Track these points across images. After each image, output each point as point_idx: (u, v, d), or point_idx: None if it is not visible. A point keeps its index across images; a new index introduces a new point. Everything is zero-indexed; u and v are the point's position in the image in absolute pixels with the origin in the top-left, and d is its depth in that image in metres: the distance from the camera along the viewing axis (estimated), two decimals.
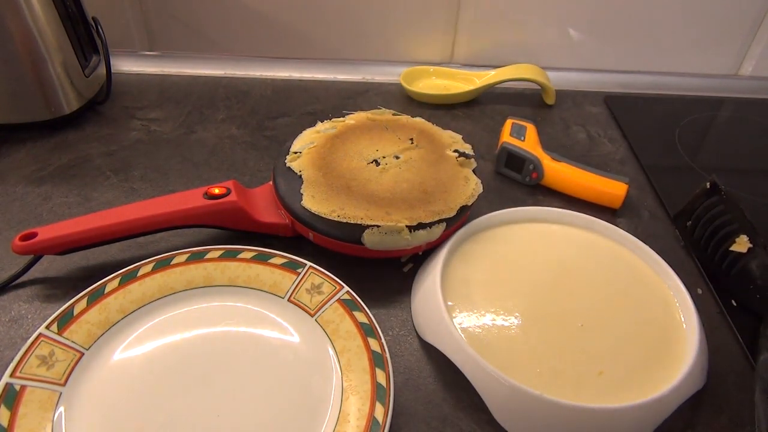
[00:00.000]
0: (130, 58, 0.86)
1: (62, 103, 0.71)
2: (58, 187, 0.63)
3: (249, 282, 0.50)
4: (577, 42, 0.86)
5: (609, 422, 0.41)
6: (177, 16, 0.84)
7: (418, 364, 0.47)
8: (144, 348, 0.46)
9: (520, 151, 0.66)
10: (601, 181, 0.63)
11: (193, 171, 0.66)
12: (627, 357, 0.45)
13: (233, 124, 0.75)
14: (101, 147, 0.70)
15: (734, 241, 0.53)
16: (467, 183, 0.56)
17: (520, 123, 0.69)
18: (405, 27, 0.85)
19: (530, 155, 0.65)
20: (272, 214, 0.56)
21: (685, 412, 0.43)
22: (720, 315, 0.52)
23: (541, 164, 0.64)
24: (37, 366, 0.42)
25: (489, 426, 0.43)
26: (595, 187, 0.63)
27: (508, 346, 0.46)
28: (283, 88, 0.84)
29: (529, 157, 0.65)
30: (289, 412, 0.42)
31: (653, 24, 0.85)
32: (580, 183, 0.64)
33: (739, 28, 0.85)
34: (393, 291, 0.53)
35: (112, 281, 0.48)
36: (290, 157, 0.58)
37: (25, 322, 0.49)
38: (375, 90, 0.84)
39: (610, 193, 0.62)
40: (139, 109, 0.77)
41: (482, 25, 0.85)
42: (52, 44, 0.67)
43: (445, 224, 0.52)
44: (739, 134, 0.80)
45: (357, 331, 0.45)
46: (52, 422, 0.40)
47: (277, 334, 0.47)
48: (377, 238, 0.51)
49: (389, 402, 0.40)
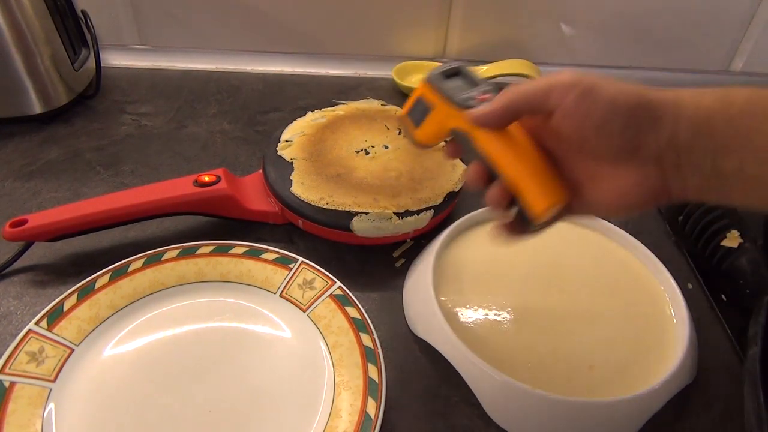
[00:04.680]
0: (120, 52, 0.86)
1: (51, 97, 0.70)
2: (47, 182, 0.62)
3: (241, 277, 0.50)
4: (569, 37, 0.86)
5: (600, 416, 0.41)
6: (167, 9, 0.83)
7: (410, 360, 0.47)
8: (135, 344, 0.45)
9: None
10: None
11: (184, 165, 0.66)
12: (617, 351, 0.45)
13: (225, 119, 0.74)
14: (91, 141, 0.69)
15: (725, 237, 0.54)
16: (455, 170, 0.57)
17: (426, 100, 0.41)
18: (397, 22, 0.85)
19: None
20: (262, 202, 0.57)
21: (675, 405, 0.43)
22: (710, 310, 0.52)
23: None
24: (26, 362, 0.42)
25: (481, 420, 0.43)
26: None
27: (499, 340, 0.46)
28: (274, 82, 0.83)
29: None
30: (281, 408, 0.42)
31: (645, 19, 0.85)
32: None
33: (730, 24, 0.85)
34: (385, 286, 0.53)
35: (102, 277, 0.47)
36: (281, 146, 0.59)
37: (14, 318, 0.48)
38: (367, 85, 0.84)
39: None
40: (130, 103, 0.77)
41: (474, 21, 0.85)
42: (41, 37, 0.67)
43: (432, 211, 0.53)
44: None
45: (349, 326, 0.45)
46: (42, 419, 0.40)
47: (269, 330, 0.47)
48: (366, 225, 0.51)
49: (381, 397, 0.40)
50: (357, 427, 0.39)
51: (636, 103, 0.32)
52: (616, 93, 0.32)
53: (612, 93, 0.32)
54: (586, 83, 0.33)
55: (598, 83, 0.33)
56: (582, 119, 0.33)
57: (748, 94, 0.31)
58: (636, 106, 0.32)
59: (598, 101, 0.32)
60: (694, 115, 0.31)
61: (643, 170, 0.33)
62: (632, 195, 0.34)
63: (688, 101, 0.32)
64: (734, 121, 0.31)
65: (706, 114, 0.31)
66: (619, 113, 0.32)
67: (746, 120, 0.30)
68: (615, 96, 0.32)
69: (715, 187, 0.32)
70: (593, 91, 0.32)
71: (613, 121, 0.32)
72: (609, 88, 0.32)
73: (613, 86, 0.33)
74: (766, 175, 0.30)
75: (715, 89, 0.32)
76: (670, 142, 0.32)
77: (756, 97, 0.31)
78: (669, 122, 0.32)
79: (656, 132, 0.32)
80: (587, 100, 0.32)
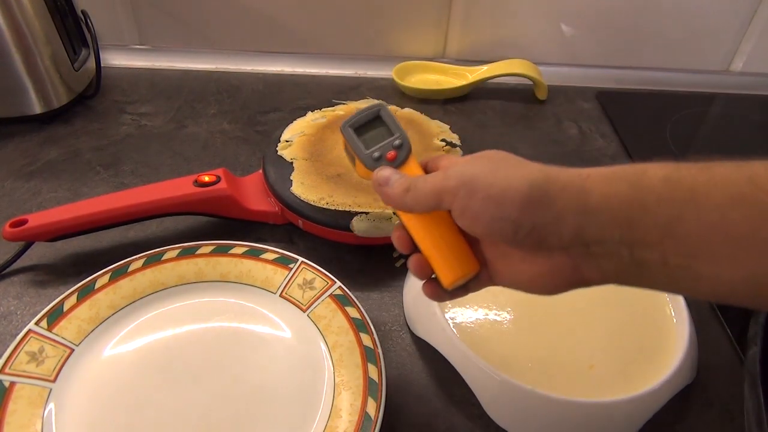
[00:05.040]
0: (120, 52, 0.86)
1: (51, 97, 0.70)
2: (47, 182, 0.62)
3: (241, 277, 0.50)
4: (569, 37, 0.86)
5: (600, 416, 0.41)
6: (167, 9, 0.83)
7: (410, 360, 0.47)
8: (135, 344, 0.45)
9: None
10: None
11: (184, 165, 0.66)
12: (618, 351, 0.45)
13: (225, 119, 0.74)
14: (91, 141, 0.69)
15: None
16: None
17: (347, 149, 0.41)
18: (397, 22, 0.85)
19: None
20: (262, 202, 0.57)
21: (675, 405, 0.43)
22: (710, 310, 0.52)
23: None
24: (26, 362, 0.42)
25: (480, 420, 0.43)
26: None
27: (499, 340, 0.46)
28: (274, 82, 0.83)
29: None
30: (281, 408, 0.42)
31: (645, 19, 0.85)
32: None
33: (730, 25, 0.85)
34: (385, 286, 0.53)
35: (102, 277, 0.47)
36: (281, 146, 0.59)
37: (14, 318, 0.48)
38: (367, 85, 0.84)
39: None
40: (130, 103, 0.77)
41: (474, 21, 0.85)
42: (41, 37, 0.67)
43: None
44: (730, 130, 0.81)
45: (349, 326, 0.45)
46: (42, 419, 0.40)
47: (269, 330, 0.47)
48: (366, 225, 0.51)
49: (381, 397, 0.40)
50: (357, 427, 0.39)
51: (527, 199, 0.29)
52: (503, 191, 0.30)
53: (498, 192, 0.30)
54: (469, 187, 0.31)
55: (481, 184, 0.30)
56: (473, 220, 0.31)
57: (664, 175, 0.28)
58: (528, 203, 0.29)
59: (485, 203, 0.30)
60: (604, 206, 0.28)
61: (552, 260, 0.31)
62: (544, 280, 0.32)
63: (596, 188, 0.29)
64: (652, 211, 0.27)
65: (619, 204, 0.28)
66: (507, 215, 0.30)
67: (665, 208, 0.27)
68: (501, 195, 0.30)
69: (637, 275, 0.29)
70: (476, 193, 0.30)
71: (503, 221, 0.30)
72: (495, 186, 0.30)
73: (502, 181, 0.30)
74: (694, 266, 0.27)
75: (627, 169, 0.29)
76: (575, 237, 0.29)
77: (674, 178, 0.28)
78: (571, 216, 0.29)
79: (557, 227, 0.29)
80: (473, 202, 0.31)
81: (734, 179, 0.26)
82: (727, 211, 0.26)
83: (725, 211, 0.26)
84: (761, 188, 0.26)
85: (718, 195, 0.26)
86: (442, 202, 0.32)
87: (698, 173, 0.27)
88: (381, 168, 0.36)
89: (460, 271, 0.35)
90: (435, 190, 0.32)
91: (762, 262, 0.26)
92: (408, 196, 0.34)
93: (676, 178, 0.28)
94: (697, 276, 0.27)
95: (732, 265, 0.26)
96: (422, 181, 0.33)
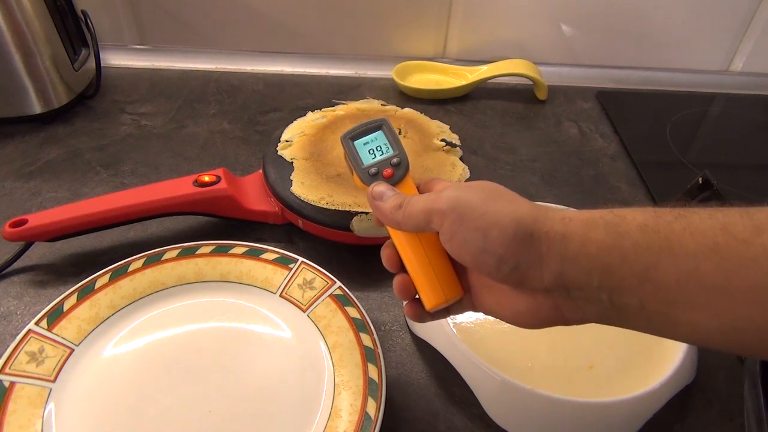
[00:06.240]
0: (120, 52, 0.86)
1: (51, 97, 0.70)
2: (47, 182, 0.62)
3: (241, 277, 0.50)
4: (570, 37, 0.87)
5: (599, 416, 0.41)
6: (167, 9, 0.83)
7: (410, 360, 0.47)
8: (135, 344, 0.45)
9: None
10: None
11: (183, 165, 0.66)
12: (617, 351, 0.45)
13: (224, 119, 0.74)
14: (91, 141, 0.69)
15: None
16: (454, 168, 0.57)
17: (346, 160, 0.41)
18: (398, 22, 0.85)
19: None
20: (262, 202, 0.57)
21: (675, 405, 0.43)
22: None
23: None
24: (26, 362, 0.42)
25: (480, 420, 0.43)
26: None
27: (499, 340, 0.46)
28: (274, 82, 0.83)
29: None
30: (281, 408, 0.42)
31: (645, 20, 0.85)
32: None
33: (730, 24, 0.85)
34: (385, 286, 0.53)
35: (102, 277, 0.47)
36: (281, 146, 0.59)
37: (14, 318, 0.48)
38: (367, 85, 0.84)
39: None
40: (130, 103, 0.77)
41: (474, 21, 0.85)
42: (41, 37, 0.67)
43: None
44: (730, 130, 0.81)
45: (349, 326, 0.45)
46: (42, 419, 0.40)
47: (269, 330, 0.47)
48: (366, 225, 0.51)
49: (381, 397, 0.40)
50: (357, 427, 0.39)
51: (513, 237, 0.30)
52: (491, 224, 0.30)
53: (486, 224, 0.30)
54: (459, 212, 0.31)
55: (472, 213, 0.31)
56: (460, 247, 0.31)
57: (642, 222, 0.28)
58: (512, 241, 0.30)
59: (472, 233, 0.30)
60: (584, 253, 0.29)
61: (534, 299, 0.31)
62: (525, 317, 0.32)
63: (577, 234, 0.29)
64: (629, 258, 0.28)
65: (597, 251, 0.28)
66: (494, 249, 0.30)
67: (642, 256, 0.27)
68: (489, 228, 0.30)
69: (618, 318, 0.30)
70: (465, 221, 0.31)
71: (487, 254, 0.30)
72: (485, 218, 0.30)
73: (492, 215, 0.30)
74: (672, 313, 0.27)
75: (606, 215, 0.29)
76: (556, 280, 0.29)
77: (651, 225, 0.28)
78: (553, 260, 0.29)
79: (539, 270, 0.30)
80: (462, 229, 0.31)
81: (708, 227, 0.27)
82: (701, 261, 0.26)
83: (699, 261, 0.26)
84: (735, 237, 0.26)
85: (692, 244, 0.26)
86: (432, 223, 0.32)
87: (674, 220, 0.28)
88: (377, 183, 0.37)
89: (443, 296, 0.35)
90: (426, 209, 0.33)
91: (737, 311, 0.26)
92: (399, 213, 0.34)
93: (653, 226, 0.28)
94: (676, 322, 0.28)
95: (708, 314, 0.26)
96: (415, 199, 0.34)
